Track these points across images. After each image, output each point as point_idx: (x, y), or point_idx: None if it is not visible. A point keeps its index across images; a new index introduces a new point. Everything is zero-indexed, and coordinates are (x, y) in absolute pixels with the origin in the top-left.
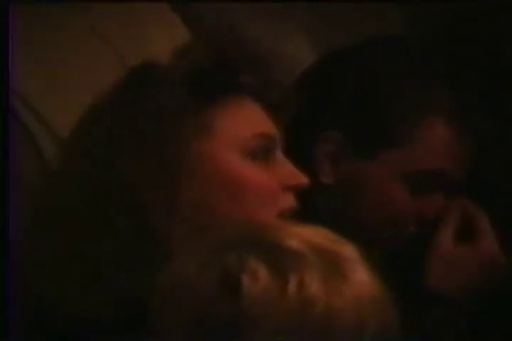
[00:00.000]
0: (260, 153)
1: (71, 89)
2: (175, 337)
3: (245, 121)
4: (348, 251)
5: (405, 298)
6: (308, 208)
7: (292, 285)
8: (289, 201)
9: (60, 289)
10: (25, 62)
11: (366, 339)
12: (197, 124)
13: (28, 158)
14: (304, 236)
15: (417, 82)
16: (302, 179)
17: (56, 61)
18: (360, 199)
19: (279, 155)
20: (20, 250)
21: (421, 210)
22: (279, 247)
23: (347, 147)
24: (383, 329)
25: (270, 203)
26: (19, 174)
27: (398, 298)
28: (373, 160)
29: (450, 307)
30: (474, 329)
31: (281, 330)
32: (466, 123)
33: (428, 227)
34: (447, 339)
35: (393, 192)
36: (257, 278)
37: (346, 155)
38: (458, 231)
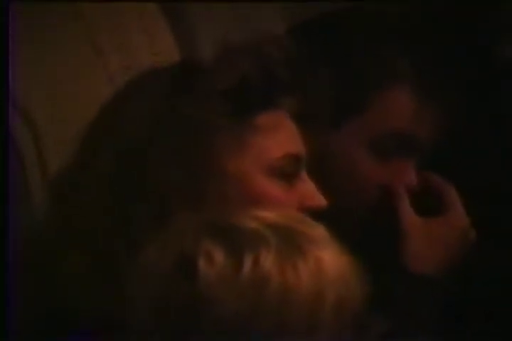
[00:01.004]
0: (287, 173)
1: (71, 89)
2: (144, 325)
3: (279, 140)
4: (313, 231)
5: (379, 275)
6: None
7: (247, 265)
8: None
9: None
10: (25, 62)
11: (325, 316)
12: (232, 139)
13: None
14: (266, 217)
15: (383, 49)
16: (321, 201)
17: (56, 61)
18: (330, 169)
19: (304, 174)
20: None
21: (391, 175)
22: (236, 228)
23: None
24: (346, 306)
25: None
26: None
27: (371, 275)
28: (340, 130)
29: (424, 283)
30: (449, 304)
31: (239, 310)
32: (431, 89)
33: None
34: (420, 315)
35: (360, 159)
36: (213, 260)
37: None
38: (425, 205)
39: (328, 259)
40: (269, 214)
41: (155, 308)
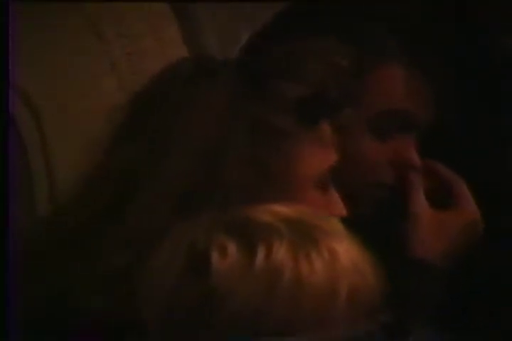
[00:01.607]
0: (324, 183)
1: (71, 89)
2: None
3: (326, 151)
4: (326, 223)
5: (390, 265)
6: None
7: (260, 257)
8: None
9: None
10: (25, 61)
11: (338, 306)
12: (298, 146)
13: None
14: (279, 211)
15: (375, 25)
16: (342, 211)
17: (56, 61)
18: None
19: (330, 183)
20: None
21: (394, 153)
22: (249, 221)
23: None
24: (360, 297)
25: None
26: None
27: (382, 266)
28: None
29: (433, 273)
30: (456, 294)
31: (252, 303)
32: (426, 66)
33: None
34: (431, 305)
35: (361, 140)
36: (226, 254)
37: None
38: (436, 197)
39: (342, 250)
40: (282, 209)
41: (168, 305)
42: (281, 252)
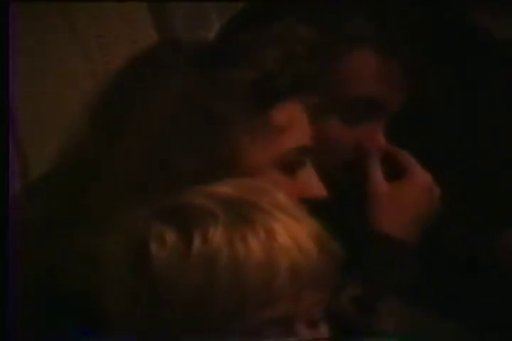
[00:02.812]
0: (293, 164)
1: (71, 89)
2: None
3: (292, 133)
4: (268, 199)
5: (355, 242)
6: None
7: (196, 242)
8: None
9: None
10: (25, 61)
11: (281, 284)
12: (248, 134)
13: None
14: (217, 192)
15: (345, 11)
16: (321, 192)
17: (56, 60)
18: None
19: (308, 164)
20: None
21: (359, 139)
22: (185, 206)
23: None
24: (302, 271)
25: None
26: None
27: (341, 240)
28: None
29: (398, 247)
30: (423, 267)
31: (195, 290)
32: (396, 52)
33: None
34: (398, 279)
35: (332, 127)
36: (164, 242)
37: None
38: (387, 172)
39: (279, 228)
40: (221, 189)
41: (119, 296)
42: (217, 237)
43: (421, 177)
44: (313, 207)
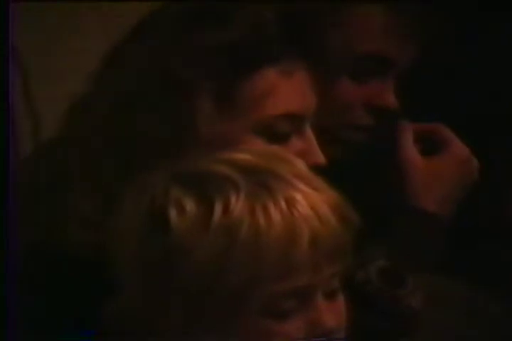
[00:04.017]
0: (282, 132)
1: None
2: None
3: (276, 98)
4: (288, 168)
5: (384, 214)
6: None
7: (217, 212)
8: None
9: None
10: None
11: (301, 255)
12: (218, 101)
13: None
14: (236, 160)
15: None
16: (320, 159)
17: (56, 60)
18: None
19: (306, 131)
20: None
21: (369, 96)
22: (205, 174)
23: None
24: (322, 242)
25: None
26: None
27: (369, 209)
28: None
29: (431, 221)
30: (455, 240)
31: (213, 259)
32: (406, 9)
33: (383, 118)
34: (428, 251)
35: (340, 86)
36: (184, 210)
37: None
38: (423, 148)
39: (300, 197)
40: (240, 156)
41: (136, 260)
42: (238, 206)
43: (459, 149)
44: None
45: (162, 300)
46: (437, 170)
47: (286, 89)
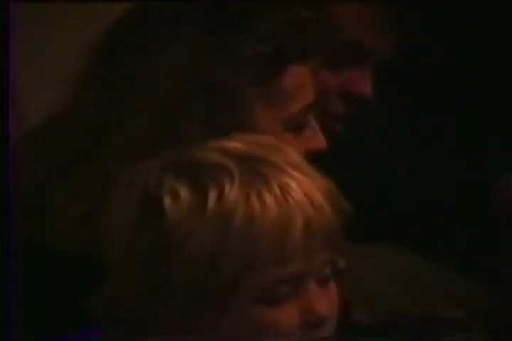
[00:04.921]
0: (300, 123)
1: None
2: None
3: (298, 95)
4: (281, 156)
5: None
6: None
7: (212, 199)
8: None
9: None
10: (24, 61)
11: (295, 242)
12: (259, 102)
13: None
14: (229, 148)
15: None
16: (322, 144)
17: (56, 60)
18: None
19: (311, 119)
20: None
21: (345, 85)
22: (199, 162)
23: None
24: (316, 229)
25: None
26: None
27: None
28: None
29: None
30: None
31: (208, 246)
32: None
33: (358, 107)
34: None
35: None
36: (178, 198)
37: None
38: None
39: (294, 184)
40: (233, 144)
41: (128, 250)
42: (233, 193)
43: None
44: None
45: (156, 289)
46: None
47: (307, 83)
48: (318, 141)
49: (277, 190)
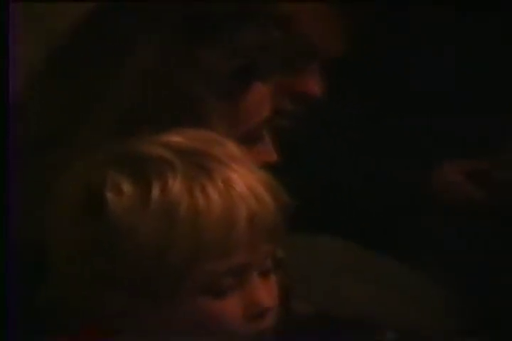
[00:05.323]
0: (254, 136)
1: None
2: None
3: (253, 109)
4: (222, 150)
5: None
6: None
7: (155, 193)
8: None
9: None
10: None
11: (239, 234)
12: (216, 114)
13: None
14: (172, 142)
15: None
16: (273, 157)
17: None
18: None
19: (265, 133)
20: None
21: (293, 84)
22: (142, 156)
23: None
24: (260, 221)
25: None
26: None
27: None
28: None
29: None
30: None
31: (152, 240)
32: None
33: (305, 104)
34: None
35: None
36: (121, 192)
37: None
38: None
39: (237, 177)
40: (175, 138)
41: (68, 247)
42: (176, 186)
43: None
44: None
45: (102, 283)
46: None
47: (267, 97)
48: (270, 154)
49: (220, 183)
